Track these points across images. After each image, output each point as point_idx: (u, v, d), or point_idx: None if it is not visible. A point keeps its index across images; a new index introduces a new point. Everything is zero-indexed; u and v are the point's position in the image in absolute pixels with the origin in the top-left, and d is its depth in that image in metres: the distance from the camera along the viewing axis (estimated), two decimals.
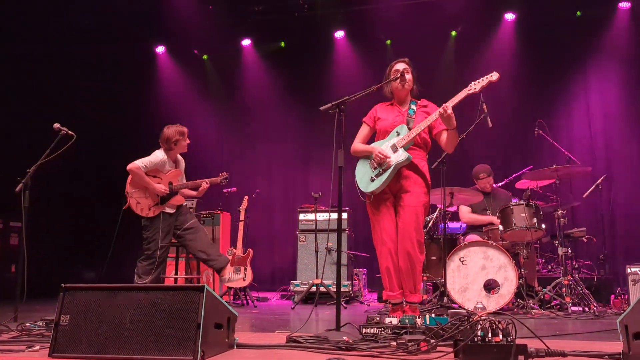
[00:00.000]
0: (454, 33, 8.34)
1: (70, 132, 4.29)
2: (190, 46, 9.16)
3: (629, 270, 5.09)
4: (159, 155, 4.95)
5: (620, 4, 7.65)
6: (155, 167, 4.91)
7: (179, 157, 5.22)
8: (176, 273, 6.14)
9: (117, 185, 5.27)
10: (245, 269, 5.96)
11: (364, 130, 4.08)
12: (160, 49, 9.29)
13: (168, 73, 9.24)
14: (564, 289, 4.89)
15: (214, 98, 9.16)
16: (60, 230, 8.27)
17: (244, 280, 5.93)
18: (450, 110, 3.63)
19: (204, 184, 5.12)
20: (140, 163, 4.83)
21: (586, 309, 4.81)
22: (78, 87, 8.15)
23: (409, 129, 3.81)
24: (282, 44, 9.10)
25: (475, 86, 3.68)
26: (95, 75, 8.42)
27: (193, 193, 5.24)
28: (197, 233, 5.03)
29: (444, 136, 3.88)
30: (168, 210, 4.94)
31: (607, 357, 2.19)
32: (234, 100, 9.15)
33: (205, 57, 9.34)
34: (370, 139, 4.06)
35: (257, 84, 9.15)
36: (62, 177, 7.82)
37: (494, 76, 3.66)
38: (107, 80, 8.50)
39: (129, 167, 4.82)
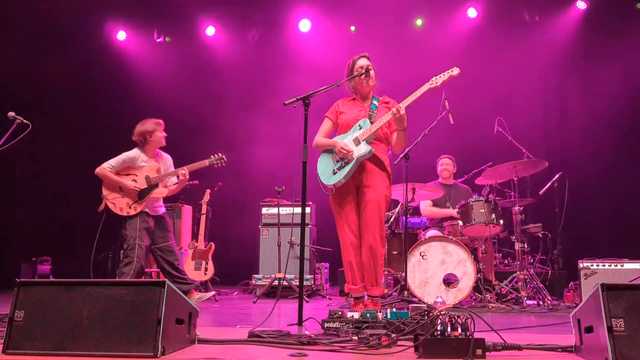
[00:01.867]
0: (418, 23, 8.42)
1: (25, 121, 4.16)
2: (151, 29, 8.96)
3: (581, 265, 5.26)
4: (127, 152, 4.87)
5: (576, 3, 7.88)
6: (124, 164, 4.82)
7: (164, 154, 5.08)
8: None
9: (77, 180, 5.18)
10: (207, 263, 5.91)
11: (326, 125, 4.09)
12: (121, 35, 9.04)
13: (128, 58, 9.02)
14: (519, 283, 5.03)
15: (175, 87, 8.99)
16: (15, 223, 8.04)
17: (206, 274, 5.88)
18: (403, 112, 3.68)
19: (181, 172, 4.85)
20: (105, 164, 4.78)
21: (540, 302, 4.96)
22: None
23: (371, 122, 3.85)
24: (254, 39, 9.01)
25: (437, 80, 3.74)
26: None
27: (175, 188, 5.00)
28: (172, 255, 4.91)
29: (394, 136, 3.94)
30: (149, 211, 4.82)
31: (560, 349, 2.26)
32: (195, 91, 9.01)
33: (167, 39, 9.13)
34: (333, 134, 4.08)
35: (220, 74, 9.03)
36: (19, 170, 7.60)
37: (455, 71, 3.73)
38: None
39: (96, 171, 4.77)
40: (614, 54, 7.67)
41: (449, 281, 4.86)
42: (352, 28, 8.67)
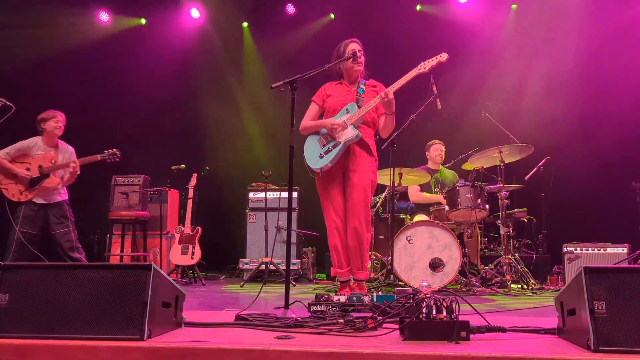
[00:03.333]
0: (419, 7, 8.38)
1: (8, 103, 4.11)
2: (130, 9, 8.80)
3: (565, 249, 5.34)
4: (23, 141, 5.03)
5: None
6: (19, 152, 4.97)
7: (65, 146, 5.18)
8: (122, 251, 6.04)
9: None
10: (194, 247, 5.91)
11: (313, 109, 4.08)
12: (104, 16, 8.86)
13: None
14: (504, 267, 5.08)
15: (157, 71, 8.88)
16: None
17: (192, 258, 5.87)
18: (391, 96, 3.68)
19: (72, 164, 4.98)
20: (1, 152, 4.94)
21: (525, 286, 5.02)
22: None
23: (359, 107, 3.84)
24: (245, 24, 8.92)
25: (425, 66, 3.74)
26: None
27: (67, 179, 5.08)
28: (66, 242, 5.01)
29: (382, 120, 3.94)
30: (38, 201, 4.94)
31: (543, 332, 2.29)
32: (179, 75, 8.91)
33: (143, 21, 8.97)
34: (319, 119, 4.06)
35: (206, 59, 8.95)
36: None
37: (443, 57, 3.73)
38: None
39: None
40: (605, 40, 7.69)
41: (435, 265, 4.90)
42: (331, 15, 8.60)
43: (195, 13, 8.83)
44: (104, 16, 8.73)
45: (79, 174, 5.06)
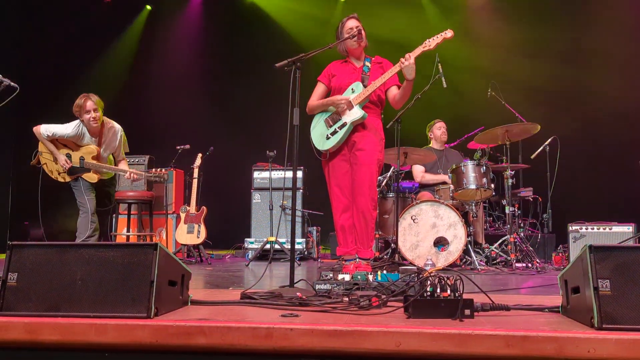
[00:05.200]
0: None
1: (13, 83, 4.09)
2: None
3: (570, 228, 5.34)
4: (69, 127, 4.69)
5: None
6: (62, 137, 4.68)
7: (110, 129, 4.85)
8: (128, 230, 6.07)
9: None
10: (199, 227, 5.93)
11: (319, 89, 4.06)
12: None
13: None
14: (509, 246, 5.09)
15: (163, 52, 8.84)
16: (5, 186, 8.00)
17: (198, 237, 5.91)
18: (412, 60, 3.64)
19: (128, 175, 4.78)
20: (44, 128, 4.65)
21: (529, 265, 5.03)
22: None
23: (364, 86, 3.82)
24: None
25: (430, 43, 3.70)
26: None
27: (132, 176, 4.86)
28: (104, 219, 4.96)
29: (394, 91, 3.90)
30: (87, 180, 4.72)
31: (547, 310, 2.30)
32: (184, 55, 8.87)
33: (148, 7, 8.91)
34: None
35: (211, 39, 8.89)
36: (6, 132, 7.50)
37: (449, 33, 3.69)
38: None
39: (34, 128, 4.68)
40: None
41: (440, 244, 4.91)
42: None
43: None
44: None
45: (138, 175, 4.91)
